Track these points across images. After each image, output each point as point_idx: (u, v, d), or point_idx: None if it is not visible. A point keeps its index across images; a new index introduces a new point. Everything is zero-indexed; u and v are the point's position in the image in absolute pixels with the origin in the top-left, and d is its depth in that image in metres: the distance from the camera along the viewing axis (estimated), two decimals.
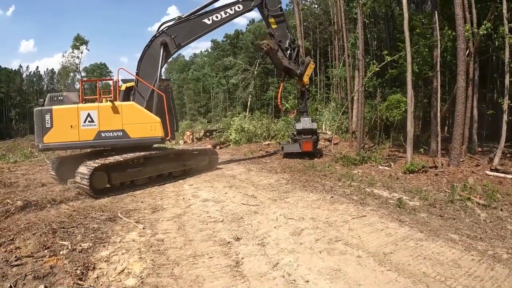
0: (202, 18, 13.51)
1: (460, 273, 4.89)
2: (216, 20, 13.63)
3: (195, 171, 13.81)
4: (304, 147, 15.76)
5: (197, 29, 13.56)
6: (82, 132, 11.44)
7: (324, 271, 4.99)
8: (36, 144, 11.69)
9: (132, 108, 12.06)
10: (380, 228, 6.74)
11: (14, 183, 12.30)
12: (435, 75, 14.82)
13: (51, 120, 11.25)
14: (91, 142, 11.67)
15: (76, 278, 4.87)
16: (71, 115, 11.44)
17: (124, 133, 11.77)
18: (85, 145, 12.00)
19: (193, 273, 5.06)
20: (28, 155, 21.29)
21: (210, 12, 13.64)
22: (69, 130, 11.38)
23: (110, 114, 11.68)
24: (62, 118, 11.37)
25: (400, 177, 11.65)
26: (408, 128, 13.20)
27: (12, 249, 5.91)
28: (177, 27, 13.20)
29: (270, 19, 15.01)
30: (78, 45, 66.47)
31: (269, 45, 14.67)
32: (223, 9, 13.78)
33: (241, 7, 14.10)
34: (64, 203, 9.40)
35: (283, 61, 15.29)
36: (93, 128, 11.51)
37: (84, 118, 11.44)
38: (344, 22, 25.98)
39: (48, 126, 11.24)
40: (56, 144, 11.49)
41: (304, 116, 16.16)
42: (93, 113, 11.51)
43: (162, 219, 7.81)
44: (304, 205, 8.50)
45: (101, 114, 11.58)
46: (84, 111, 11.49)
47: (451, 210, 8.04)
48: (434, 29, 14.78)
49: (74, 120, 11.41)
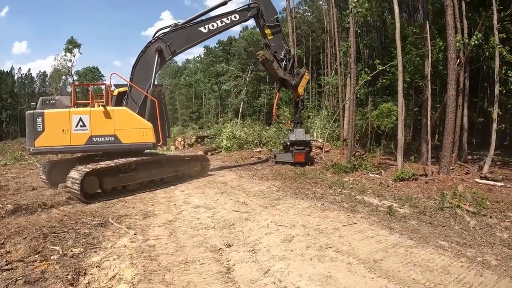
0: (198, 26, 13.59)
1: (450, 279, 4.94)
2: (212, 29, 13.71)
3: (187, 177, 13.80)
4: (296, 158, 16.03)
5: (193, 37, 13.63)
6: (73, 137, 11.36)
7: (315, 277, 5.00)
8: (28, 147, 11.54)
9: (124, 114, 12.02)
10: (371, 235, 6.77)
11: (4, 186, 12.19)
12: (426, 84, 14.96)
13: (42, 123, 11.13)
14: (83, 147, 11.58)
15: (67, 284, 4.86)
16: (62, 119, 11.34)
17: (115, 138, 11.73)
18: (76, 149, 11.93)
19: (185, 279, 5.05)
20: (19, 158, 21.10)
21: (207, 21, 13.72)
22: (60, 134, 11.28)
23: (102, 119, 11.62)
24: (54, 122, 11.26)
25: (390, 185, 11.70)
26: (398, 136, 13.30)
27: (2, 253, 5.85)
28: (173, 34, 13.22)
29: (266, 30, 15.13)
30: (71, 48, 66.08)
31: (264, 55, 14.85)
32: (219, 18, 13.89)
33: (237, 16, 14.22)
34: (55, 208, 9.32)
35: (278, 72, 15.46)
36: (85, 132, 11.44)
37: (76, 123, 11.35)
38: (337, 31, 26.17)
39: (40, 129, 11.11)
40: (47, 148, 11.37)
41: (298, 127, 16.35)
42: (85, 117, 11.45)
43: (153, 225, 7.77)
44: (295, 212, 8.50)
45: (93, 119, 11.52)
46: (76, 116, 11.42)
47: (441, 218, 8.07)
48: (426, 39, 14.94)
49: (66, 124, 11.32)
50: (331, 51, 33.24)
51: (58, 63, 69.03)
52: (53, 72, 73.54)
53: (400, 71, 13.36)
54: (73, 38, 65.44)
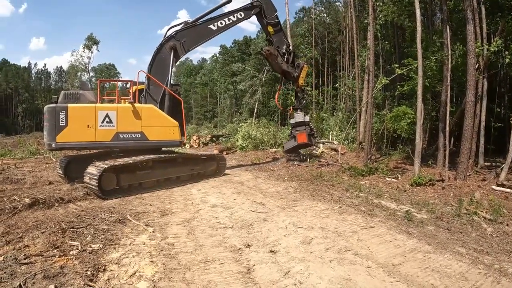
0: (208, 24, 14.04)
1: (467, 286, 4.98)
2: (220, 26, 14.24)
3: (203, 176, 13.87)
4: (299, 139, 16.59)
5: (204, 35, 14.06)
6: (99, 133, 11.24)
7: (335, 280, 5.06)
8: (48, 142, 11.10)
9: (152, 111, 12.16)
10: (389, 239, 6.82)
11: (21, 179, 12.38)
12: (445, 88, 14.90)
13: (66, 118, 10.83)
14: (108, 143, 11.56)
15: (86, 279, 4.91)
16: (88, 114, 11.17)
17: (142, 135, 11.83)
18: (102, 145, 11.80)
19: (205, 278, 5.11)
20: (34, 151, 21.41)
21: (215, 19, 14.20)
22: (85, 129, 11.09)
23: (130, 115, 11.68)
24: (78, 117, 11.05)
25: (407, 190, 11.67)
26: (416, 140, 13.26)
27: (20, 247, 5.94)
28: (185, 32, 13.55)
29: (268, 27, 15.80)
30: (90, 45, 66.86)
31: (269, 50, 15.64)
32: (226, 16, 14.46)
33: (242, 14, 14.84)
34: (72, 203, 9.46)
35: (282, 65, 16.18)
36: (111, 129, 11.40)
37: (102, 118, 11.27)
38: (355, 32, 26.06)
39: (63, 124, 10.81)
40: (71, 143, 11.16)
41: (297, 112, 17.05)
42: (111, 113, 11.41)
43: (171, 223, 7.87)
44: (313, 214, 8.57)
45: (120, 115, 11.52)
46: (102, 111, 11.32)
47: (458, 224, 8.09)
48: (445, 44, 14.88)
49: (91, 120, 11.15)
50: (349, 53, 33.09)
51: (75, 59, 70.07)
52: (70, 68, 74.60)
53: (420, 75, 13.32)
54: (92, 35, 66.29)
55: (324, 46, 43.05)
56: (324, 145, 21.90)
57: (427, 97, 17.77)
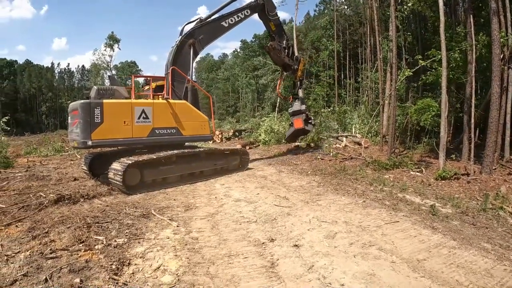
0: (220, 21, 14.67)
1: (493, 282, 4.93)
2: (231, 23, 14.93)
3: (226, 171, 14.01)
4: (295, 124, 18.05)
5: (218, 31, 14.65)
6: (136, 129, 11.31)
7: (359, 275, 5.06)
8: (82, 140, 10.57)
9: (185, 106, 12.50)
10: (413, 234, 6.78)
11: (47, 176, 12.59)
12: (469, 80, 14.64)
13: (101, 114, 10.60)
14: (145, 139, 11.66)
15: (111, 273, 5.01)
16: (124, 110, 11.14)
17: (177, 131, 12.13)
18: (139, 142, 11.77)
19: (229, 272, 5.17)
20: (59, 149, 21.87)
21: (226, 16, 14.89)
22: (121, 126, 11.03)
23: (165, 111, 11.95)
24: (114, 113, 10.91)
25: (432, 184, 11.56)
26: (441, 133, 13.06)
27: (47, 241, 6.08)
28: (202, 29, 13.94)
29: (270, 23, 16.95)
30: (112, 44, 67.76)
31: (272, 45, 16.96)
32: (236, 13, 15.16)
33: (249, 12, 15.71)
34: (97, 198, 9.66)
35: (284, 58, 17.53)
36: (148, 125, 11.57)
37: (138, 114, 11.36)
38: (377, 24, 25.72)
39: (98, 121, 10.56)
40: (107, 140, 10.95)
41: (296, 101, 18.52)
42: (147, 109, 11.55)
43: (195, 218, 7.95)
44: (337, 209, 8.56)
45: (156, 111, 11.70)
46: (138, 107, 11.42)
47: (483, 219, 7.98)
48: (469, 34, 14.62)
49: (128, 116, 11.14)
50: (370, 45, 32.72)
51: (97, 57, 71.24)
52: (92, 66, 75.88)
53: (444, 67, 13.09)
54: (114, 34, 67.25)
55: (346, 38, 42.63)
56: (347, 139, 21.79)
57: (451, 88, 17.49)
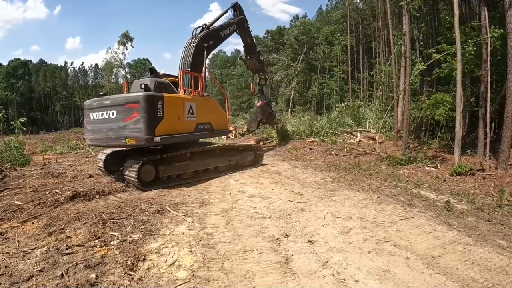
0: (219, 31, 15.79)
1: (508, 280, 4.89)
2: (226, 34, 16.24)
3: (240, 167, 14.06)
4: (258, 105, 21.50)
5: (219, 39, 15.71)
6: (186, 124, 11.50)
7: (373, 271, 5.05)
8: (145, 136, 9.96)
9: (214, 103, 13.16)
10: (428, 230, 6.74)
11: (62, 173, 12.64)
12: (484, 73, 14.48)
13: (162, 108, 10.30)
14: (192, 134, 11.88)
15: (127, 269, 5.06)
16: (179, 105, 11.21)
17: (210, 126, 12.47)
18: (188, 137, 11.78)
19: (243, 268, 5.19)
20: (74, 147, 22.02)
21: (224, 27, 16.22)
22: (176, 121, 11.01)
23: (204, 107, 12.26)
24: (172, 108, 10.75)
25: (447, 179, 11.46)
26: (456, 128, 12.96)
27: (62, 237, 6.15)
28: (210, 35, 14.75)
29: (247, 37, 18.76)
30: (125, 42, 68.32)
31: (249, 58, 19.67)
32: (228, 26, 16.47)
33: (235, 26, 17.04)
34: (112, 195, 9.68)
35: (256, 65, 20.20)
36: (193, 120, 11.82)
37: (187, 110, 11.55)
38: (390, 18, 25.49)
39: (160, 115, 10.25)
40: (168, 136, 10.65)
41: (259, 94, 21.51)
42: (193, 105, 11.80)
43: (210, 213, 7.98)
44: (351, 204, 8.53)
45: (198, 107, 11.95)
46: (187, 103, 11.63)
47: (499, 215, 7.90)
48: (483, 27, 14.44)
49: (180, 111, 11.22)
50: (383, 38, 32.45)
51: (110, 56, 71.93)
52: (105, 65, 76.63)
53: (459, 60, 12.95)
54: (127, 32, 67.86)
55: (359, 32, 42.35)
56: (362, 134, 21.73)
57: (465, 82, 17.31)
